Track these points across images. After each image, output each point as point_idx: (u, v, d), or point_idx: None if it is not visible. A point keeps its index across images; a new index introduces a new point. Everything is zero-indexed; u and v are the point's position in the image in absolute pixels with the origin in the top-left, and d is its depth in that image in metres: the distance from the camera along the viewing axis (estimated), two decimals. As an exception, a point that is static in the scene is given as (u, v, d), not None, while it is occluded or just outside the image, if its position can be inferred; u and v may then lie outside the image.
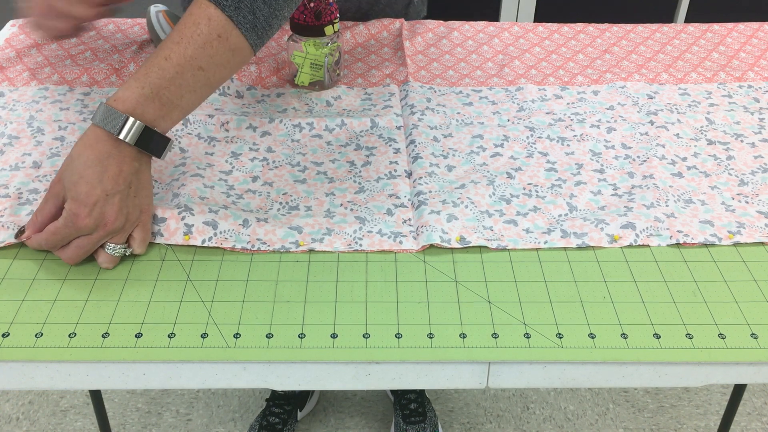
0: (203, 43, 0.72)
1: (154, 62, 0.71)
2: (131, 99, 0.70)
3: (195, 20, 0.72)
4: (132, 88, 0.70)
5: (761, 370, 0.65)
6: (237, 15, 0.73)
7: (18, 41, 1.11)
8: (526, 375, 0.66)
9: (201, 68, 0.72)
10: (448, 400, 1.67)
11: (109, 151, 0.69)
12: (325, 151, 0.89)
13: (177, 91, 0.71)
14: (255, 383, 0.65)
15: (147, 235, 0.73)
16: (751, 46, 1.13)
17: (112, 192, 0.69)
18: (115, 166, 0.69)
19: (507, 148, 0.89)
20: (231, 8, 0.72)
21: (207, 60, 0.72)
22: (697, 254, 0.75)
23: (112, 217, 0.69)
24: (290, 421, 1.54)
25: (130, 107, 0.69)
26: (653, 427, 1.61)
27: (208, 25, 0.72)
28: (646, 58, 1.10)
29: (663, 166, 0.86)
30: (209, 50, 0.72)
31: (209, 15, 0.72)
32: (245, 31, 0.74)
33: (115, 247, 0.71)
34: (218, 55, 0.73)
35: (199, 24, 0.72)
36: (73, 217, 0.68)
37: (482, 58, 1.10)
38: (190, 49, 0.71)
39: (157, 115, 0.71)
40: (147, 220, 0.73)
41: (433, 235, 0.75)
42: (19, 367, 0.64)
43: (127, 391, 1.67)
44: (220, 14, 0.72)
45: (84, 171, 0.68)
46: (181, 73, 0.71)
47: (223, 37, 0.73)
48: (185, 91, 0.72)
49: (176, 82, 0.71)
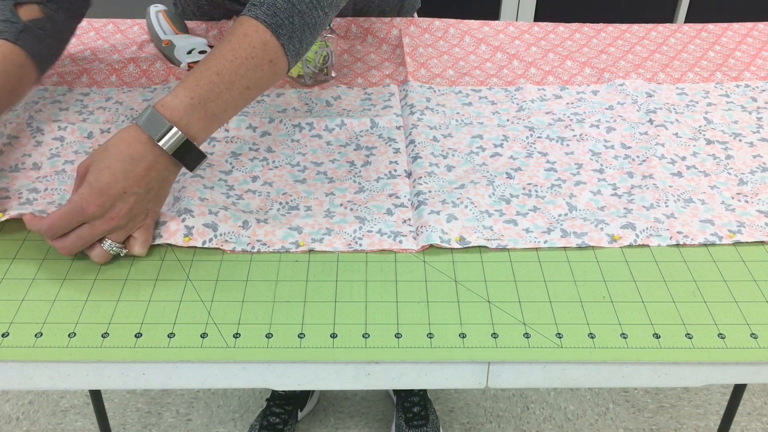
0: (255, 66, 0.74)
1: (204, 75, 0.72)
2: (180, 108, 0.70)
3: (251, 42, 0.73)
4: (181, 97, 0.71)
5: (761, 370, 0.65)
6: (289, 44, 0.75)
7: (18, 41, 1.11)
8: (525, 375, 0.66)
9: (248, 88, 0.74)
10: (448, 400, 1.67)
11: (144, 153, 0.70)
12: (324, 151, 0.89)
13: (222, 105, 0.73)
14: (255, 383, 0.65)
15: (149, 238, 0.73)
16: (746, 45, 1.13)
17: (132, 192, 0.69)
18: (144, 169, 0.70)
19: (506, 148, 0.89)
20: (286, 37, 0.75)
21: (255, 82, 0.74)
22: (697, 254, 0.75)
23: (121, 214, 0.69)
24: (290, 421, 1.54)
25: (176, 116, 0.70)
26: (653, 427, 1.61)
27: (263, 50, 0.74)
28: (642, 58, 1.10)
29: (662, 165, 0.86)
30: (259, 73, 0.74)
31: (265, 40, 0.74)
32: (291, 59, 0.77)
33: (111, 245, 0.71)
34: (265, 78, 0.75)
35: (255, 47, 0.73)
36: (83, 203, 0.68)
37: (480, 59, 1.10)
38: (243, 69, 0.73)
39: (199, 127, 0.72)
40: (151, 223, 0.74)
41: (432, 235, 0.75)
42: (18, 367, 0.64)
43: (127, 391, 1.67)
44: (275, 41, 0.74)
45: (113, 163, 0.69)
46: (230, 89, 0.73)
47: (274, 62, 0.75)
48: (229, 107, 0.74)
49: (223, 98, 0.72)
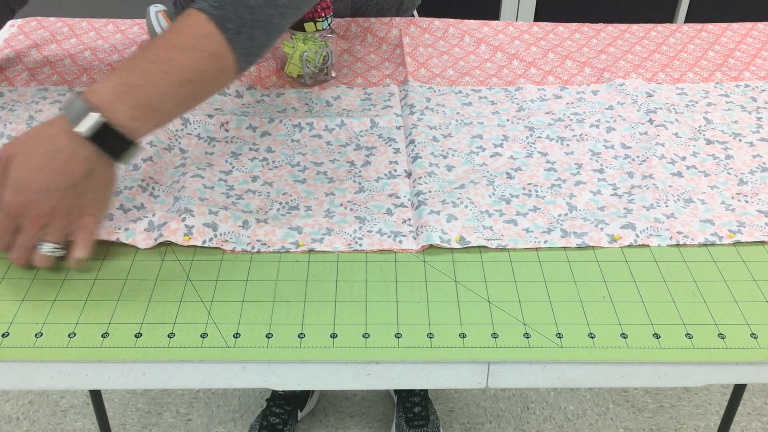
0: (196, 58, 0.70)
1: (137, 62, 0.69)
2: (105, 93, 0.67)
3: (193, 32, 0.71)
4: (108, 83, 0.67)
5: (761, 370, 0.65)
6: (236, 39, 0.72)
7: (17, 41, 1.11)
8: (525, 375, 0.66)
9: (190, 81, 0.71)
10: (448, 400, 1.67)
11: (62, 146, 0.66)
12: (324, 151, 0.89)
13: (158, 96, 0.69)
14: (255, 383, 0.65)
15: (89, 239, 0.70)
16: (745, 45, 1.13)
17: (53, 187, 0.66)
18: (62, 162, 0.66)
19: (506, 148, 0.89)
20: (232, 32, 0.71)
21: (196, 74, 0.71)
22: (697, 254, 0.75)
23: (44, 211, 0.66)
24: (290, 421, 1.54)
25: (100, 101, 0.66)
26: (653, 427, 1.61)
27: (206, 41, 0.71)
28: (642, 58, 1.10)
29: (662, 165, 0.86)
30: (200, 66, 0.71)
31: (208, 32, 0.71)
32: (239, 56, 0.73)
33: (47, 246, 0.69)
34: (208, 72, 0.72)
35: (197, 38, 0.71)
36: (5, 204, 0.66)
37: (480, 59, 1.10)
38: (181, 59, 0.70)
39: (130, 115, 0.67)
40: (92, 223, 0.70)
41: (432, 235, 0.75)
42: (19, 367, 0.64)
43: (127, 391, 1.67)
44: (219, 34, 0.71)
45: (31, 157, 0.66)
46: (166, 79, 0.69)
47: (217, 57, 0.72)
48: (167, 98, 0.70)
49: (159, 87, 0.69)
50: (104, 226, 0.74)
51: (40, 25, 1.16)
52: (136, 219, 0.76)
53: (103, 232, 0.74)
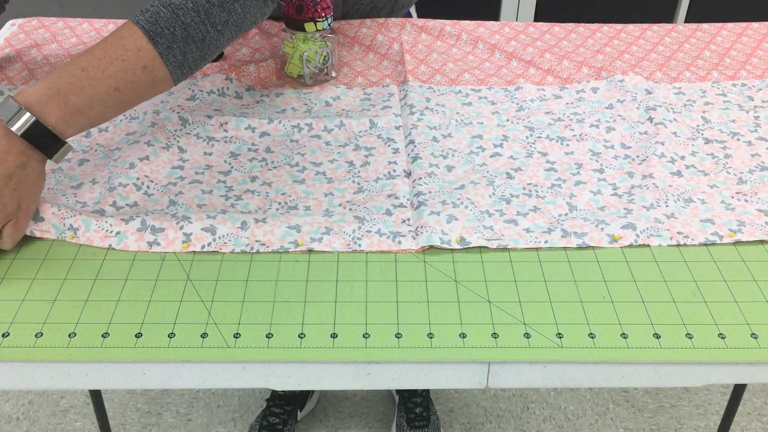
0: (126, 69, 0.74)
1: (68, 69, 0.72)
2: (34, 96, 0.70)
3: (124, 45, 0.74)
4: (38, 86, 0.71)
5: (761, 370, 0.65)
6: (168, 54, 0.75)
7: (18, 41, 1.11)
8: (525, 375, 0.66)
9: (118, 90, 0.74)
10: (448, 400, 1.67)
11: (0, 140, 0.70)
12: (323, 152, 0.89)
13: (86, 101, 0.72)
14: (255, 383, 0.65)
15: (18, 233, 0.72)
16: (741, 44, 1.14)
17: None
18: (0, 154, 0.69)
19: (506, 148, 0.89)
20: (163, 46, 0.75)
21: (126, 84, 0.74)
22: (697, 254, 0.75)
23: None
24: (290, 421, 1.54)
25: (29, 102, 0.70)
26: (653, 427, 1.61)
27: (137, 54, 0.74)
28: (638, 58, 1.10)
29: (662, 164, 0.86)
30: (130, 76, 0.74)
31: (139, 46, 0.74)
32: (172, 69, 0.77)
33: None
34: (139, 83, 0.75)
35: (127, 50, 0.74)
36: None
37: (479, 59, 1.10)
38: (111, 69, 0.73)
39: (59, 117, 0.71)
40: (23, 217, 0.72)
41: (433, 236, 0.75)
42: (19, 367, 0.64)
43: (127, 391, 1.67)
44: (151, 48, 0.75)
45: None
46: (95, 86, 0.73)
47: (149, 69, 0.75)
48: (96, 104, 0.73)
49: (87, 93, 0.72)
50: (96, 229, 0.74)
51: (40, 25, 1.16)
52: (129, 219, 0.76)
53: (96, 238, 0.74)
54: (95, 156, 0.87)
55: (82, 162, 0.86)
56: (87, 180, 0.83)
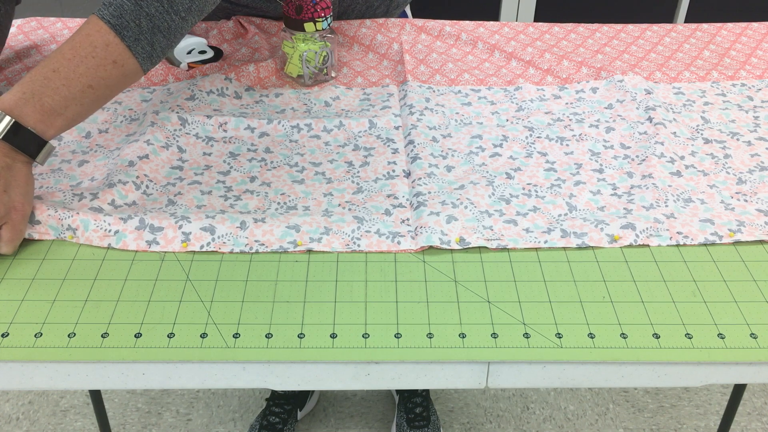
0: (96, 66, 0.75)
1: (40, 72, 0.73)
2: (10, 101, 0.72)
3: (92, 42, 0.74)
4: (14, 91, 0.72)
5: (761, 370, 0.65)
6: (136, 46, 0.76)
7: (17, 41, 1.11)
8: (525, 375, 0.66)
9: (91, 87, 0.75)
10: (448, 400, 1.67)
11: None
12: (323, 152, 0.89)
13: (61, 101, 0.73)
14: (255, 383, 0.65)
15: (16, 235, 0.72)
16: (740, 44, 1.14)
17: None
18: None
19: (506, 148, 0.89)
20: (131, 39, 0.76)
21: (98, 81, 0.75)
22: (697, 254, 0.75)
23: None
24: (290, 420, 1.54)
25: (6, 108, 0.71)
26: (653, 427, 1.61)
27: (105, 50, 0.75)
28: (638, 58, 1.10)
29: (662, 164, 0.86)
30: (102, 72, 0.75)
31: (107, 41, 0.75)
32: (141, 60, 0.77)
33: None
34: (111, 78, 0.76)
35: (96, 47, 0.74)
36: None
37: (479, 59, 1.10)
38: (82, 67, 0.74)
39: (37, 119, 0.72)
40: (18, 219, 0.72)
41: (432, 237, 0.75)
42: (18, 367, 0.64)
43: (127, 391, 1.67)
44: (119, 42, 0.75)
45: None
46: (68, 86, 0.73)
47: (119, 63, 0.76)
48: (71, 103, 0.74)
49: (61, 93, 0.73)
50: (95, 228, 0.74)
51: (39, 25, 1.16)
52: (127, 218, 0.76)
53: (95, 238, 0.74)
54: (95, 157, 0.87)
55: (82, 163, 0.86)
56: (86, 179, 0.83)
